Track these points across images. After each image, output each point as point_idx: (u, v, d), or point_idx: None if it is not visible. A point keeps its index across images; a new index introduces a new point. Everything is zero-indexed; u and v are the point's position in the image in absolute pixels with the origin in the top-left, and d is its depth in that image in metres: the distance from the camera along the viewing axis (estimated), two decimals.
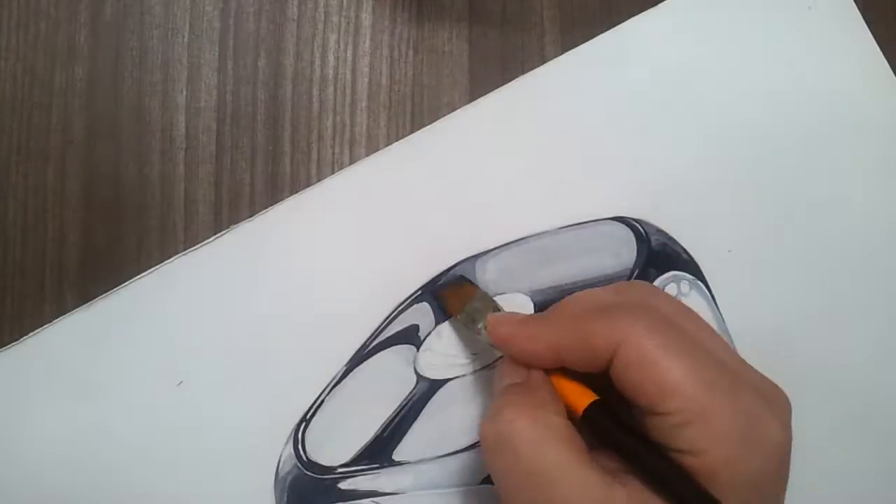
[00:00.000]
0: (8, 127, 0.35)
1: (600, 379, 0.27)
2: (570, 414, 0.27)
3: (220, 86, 0.36)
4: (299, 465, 0.33)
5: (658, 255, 0.35)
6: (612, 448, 0.26)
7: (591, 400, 0.27)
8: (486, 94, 0.36)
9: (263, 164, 0.35)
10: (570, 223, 0.35)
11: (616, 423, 0.26)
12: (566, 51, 0.36)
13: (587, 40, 0.36)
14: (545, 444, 0.25)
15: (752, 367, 0.27)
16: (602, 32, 0.36)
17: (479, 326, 0.31)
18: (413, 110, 0.36)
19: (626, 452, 0.26)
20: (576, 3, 0.37)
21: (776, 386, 0.27)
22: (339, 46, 0.36)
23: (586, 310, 0.28)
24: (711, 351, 0.26)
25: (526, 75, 0.36)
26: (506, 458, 0.26)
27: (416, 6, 0.36)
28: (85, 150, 0.35)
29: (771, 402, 0.26)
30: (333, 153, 0.36)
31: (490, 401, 0.33)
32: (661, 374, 0.25)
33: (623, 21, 0.37)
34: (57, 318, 0.34)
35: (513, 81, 0.36)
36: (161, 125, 0.35)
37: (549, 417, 0.26)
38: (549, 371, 0.29)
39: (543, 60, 0.36)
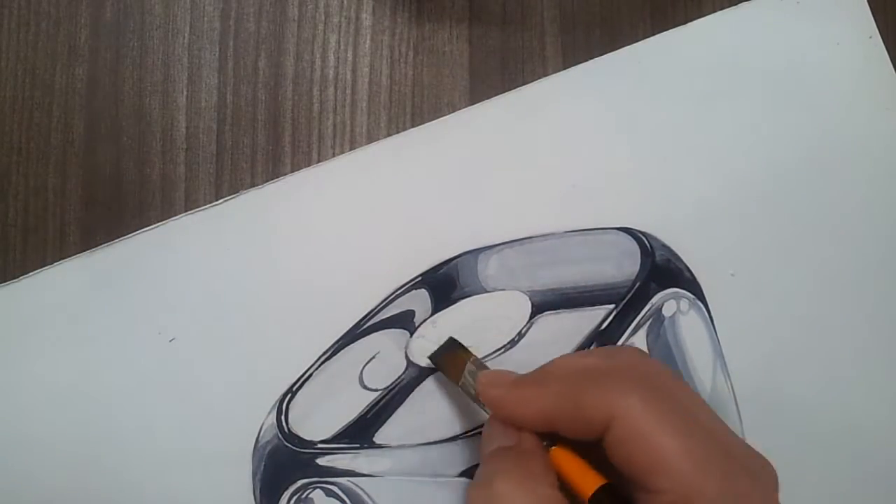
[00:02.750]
0: (8, 127, 0.35)
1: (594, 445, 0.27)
2: (568, 489, 0.27)
3: (220, 86, 0.36)
4: (280, 435, 0.33)
5: (661, 270, 0.35)
6: None
7: (591, 480, 0.26)
8: (486, 94, 0.36)
9: (264, 164, 0.36)
10: (577, 228, 0.35)
11: None
12: (566, 51, 0.36)
13: (587, 41, 0.37)
14: None
15: (739, 438, 0.27)
16: (602, 33, 0.37)
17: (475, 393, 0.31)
18: (413, 111, 0.36)
19: None
20: (576, 3, 0.37)
21: (764, 459, 0.27)
22: (339, 47, 0.36)
23: (577, 376, 0.27)
24: (703, 423, 0.26)
25: (548, 77, 0.36)
26: None
27: (416, 6, 0.36)
28: (85, 150, 0.35)
29: (760, 479, 0.25)
30: (334, 153, 0.36)
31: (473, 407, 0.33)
32: (655, 451, 0.25)
33: (622, 22, 0.37)
34: None
35: (535, 82, 0.36)
36: (161, 125, 0.35)
37: (542, 489, 0.25)
38: (547, 444, 0.28)
39: (544, 60, 0.36)
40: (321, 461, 0.33)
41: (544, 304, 0.35)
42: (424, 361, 0.34)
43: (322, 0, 0.36)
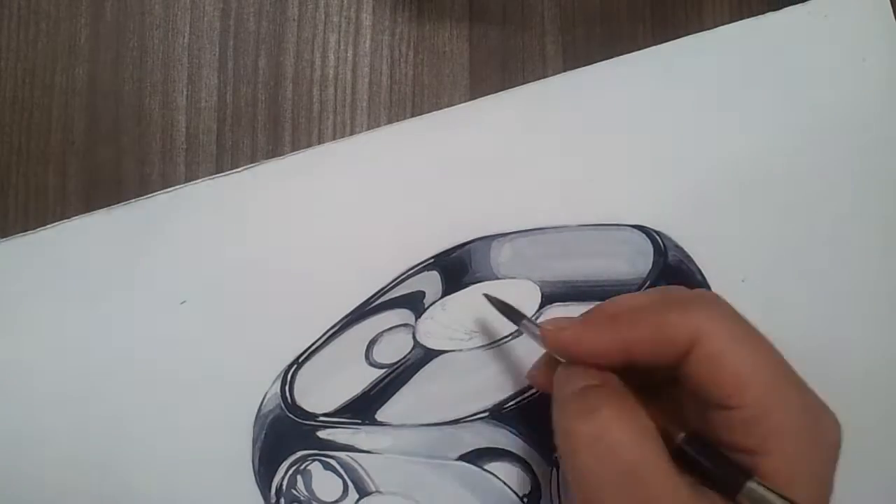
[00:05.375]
0: (8, 127, 0.35)
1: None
2: None
3: (220, 86, 0.36)
4: (283, 405, 0.34)
5: (673, 270, 0.35)
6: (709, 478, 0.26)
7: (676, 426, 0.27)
8: (486, 94, 0.36)
9: None
10: (592, 223, 0.35)
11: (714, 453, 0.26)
12: (566, 51, 0.36)
13: (587, 41, 0.37)
14: (642, 445, 0.25)
15: None
16: (601, 33, 0.37)
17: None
18: (413, 110, 0.36)
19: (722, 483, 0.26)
20: (576, 3, 0.37)
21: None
22: (339, 47, 0.36)
23: (656, 303, 0.28)
24: (775, 349, 0.27)
25: (574, 71, 0.36)
26: (598, 456, 0.25)
27: (417, 6, 0.36)
28: (85, 150, 0.35)
29: (829, 409, 0.26)
30: None
31: (483, 380, 0.34)
32: (741, 366, 0.25)
33: (622, 22, 0.37)
34: None
35: (560, 75, 0.36)
36: (161, 125, 0.35)
37: (645, 421, 0.26)
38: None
39: (544, 60, 0.36)
40: (322, 434, 0.34)
41: (554, 295, 0.35)
42: (431, 343, 0.34)
43: (322, 0, 0.36)
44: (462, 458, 0.34)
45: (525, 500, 0.33)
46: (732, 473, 0.25)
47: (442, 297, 0.35)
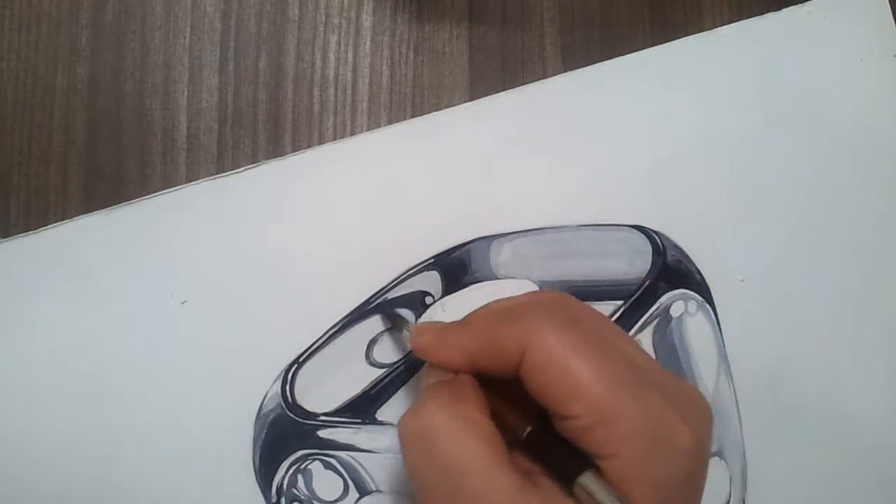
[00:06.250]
0: (10, 128, 0.35)
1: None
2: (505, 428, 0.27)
3: (221, 86, 0.36)
4: (283, 405, 0.34)
5: (672, 270, 0.35)
6: (552, 469, 0.26)
7: (526, 420, 0.27)
8: (486, 94, 0.36)
9: None
10: (591, 223, 0.35)
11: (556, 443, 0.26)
12: (566, 52, 0.37)
13: (587, 41, 0.37)
14: (464, 438, 0.25)
15: (667, 373, 0.27)
16: (601, 34, 0.37)
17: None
18: (413, 111, 0.36)
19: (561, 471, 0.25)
20: (576, 4, 0.37)
21: (695, 392, 0.27)
22: (339, 48, 0.36)
23: (496, 314, 0.28)
24: (622, 352, 0.26)
25: (573, 72, 0.36)
26: (422, 450, 0.26)
27: (417, 7, 0.37)
28: (87, 151, 0.35)
29: (683, 407, 0.25)
30: None
31: None
32: (568, 376, 0.25)
33: (621, 23, 0.37)
34: None
35: (558, 76, 0.36)
36: (163, 126, 0.35)
37: (471, 413, 0.26)
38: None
39: (543, 61, 0.37)
40: (322, 433, 0.34)
41: None
42: None
43: (322, 1, 0.36)
44: None
45: None
46: (570, 465, 0.25)
47: (442, 297, 0.35)
